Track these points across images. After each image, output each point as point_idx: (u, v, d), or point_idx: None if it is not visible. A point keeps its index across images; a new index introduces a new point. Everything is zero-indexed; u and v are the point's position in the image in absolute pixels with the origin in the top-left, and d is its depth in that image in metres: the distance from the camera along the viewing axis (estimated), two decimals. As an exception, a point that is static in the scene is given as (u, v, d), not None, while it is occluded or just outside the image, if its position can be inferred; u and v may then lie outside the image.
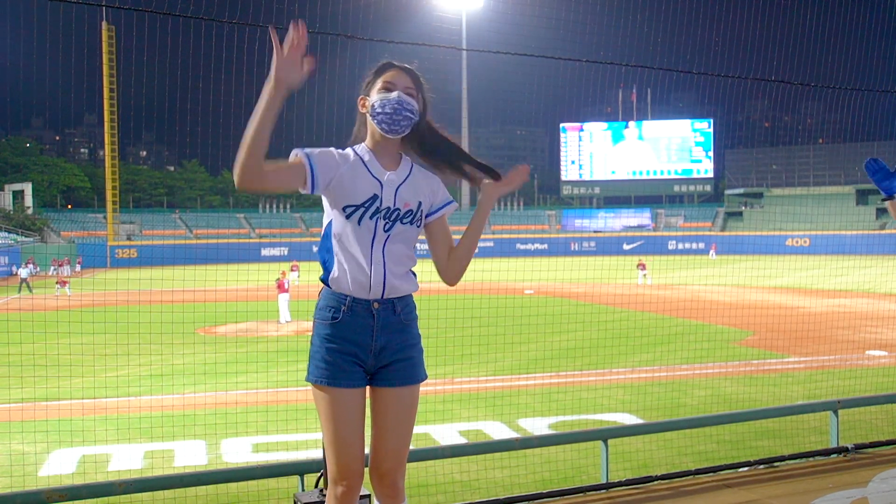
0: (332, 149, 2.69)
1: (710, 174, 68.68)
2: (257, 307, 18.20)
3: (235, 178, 2.38)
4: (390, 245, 2.65)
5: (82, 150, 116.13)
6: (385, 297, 2.67)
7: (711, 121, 68.40)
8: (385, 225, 2.63)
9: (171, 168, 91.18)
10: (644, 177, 69.18)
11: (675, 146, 68.45)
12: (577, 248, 56.31)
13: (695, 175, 68.39)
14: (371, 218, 2.62)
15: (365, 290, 2.64)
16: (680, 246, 58.19)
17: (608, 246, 55.60)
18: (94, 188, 69.81)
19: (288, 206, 67.55)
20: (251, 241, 56.67)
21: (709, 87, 7.30)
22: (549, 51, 6.83)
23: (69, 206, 67.59)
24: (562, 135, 70.43)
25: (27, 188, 58.13)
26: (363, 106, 2.72)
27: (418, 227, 2.72)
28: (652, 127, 69.55)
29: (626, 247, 56.02)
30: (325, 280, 2.71)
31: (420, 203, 2.71)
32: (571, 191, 71.12)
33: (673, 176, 68.66)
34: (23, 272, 29.16)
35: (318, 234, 2.78)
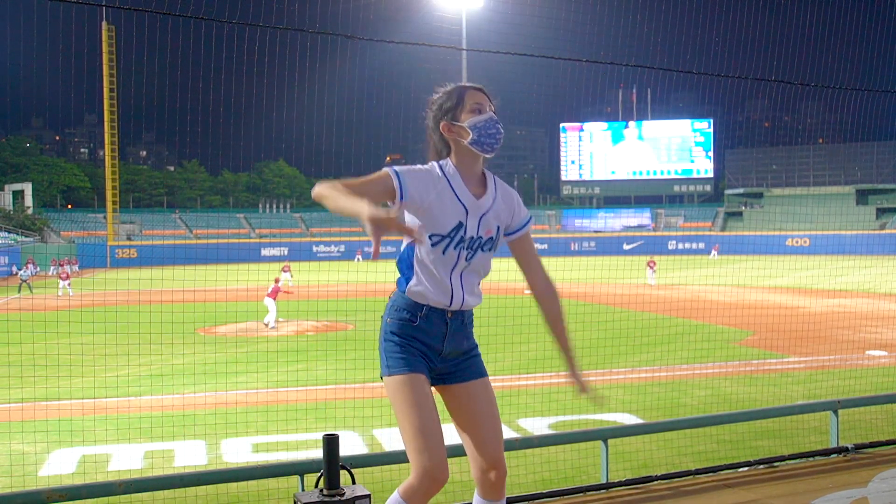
0: (418, 166, 2.71)
1: (710, 174, 68.74)
2: (257, 307, 18.18)
3: (316, 197, 2.47)
4: (467, 273, 2.76)
5: (82, 150, 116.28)
6: (460, 310, 2.80)
7: (711, 121, 68.47)
8: (467, 255, 2.72)
9: (171, 168, 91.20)
10: (644, 177, 69.20)
11: (674, 146, 68.49)
12: (577, 248, 56.34)
13: (695, 175, 68.42)
14: (455, 248, 2.69)
15: (445, 305, 2.75)
16: (680, 246, 58.22)
17: (608, 246, 55.63)
18: (94, 188, 69.86)
19: (288, 207, 67.51)
20: (251, 241, 56.62)
21: (709, 87, 7.32)
22: (549, 51, 6.84)
23: (69, 206, 67.63)
24: (562, 135, 70.48)
25: (27, 188, 58.16)
26: (450, 131, 2.72)
27: (494, 251, 2.81)
28: (652, 127, 69.58)
29: (626, 247, 56.06)
30: (402, 290, 2.77)
31: (499, 227, 2.80)
32: (571, 191, 71.16)
33: (673, 176, 68.69)
34: (23, 274, 29.17)
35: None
